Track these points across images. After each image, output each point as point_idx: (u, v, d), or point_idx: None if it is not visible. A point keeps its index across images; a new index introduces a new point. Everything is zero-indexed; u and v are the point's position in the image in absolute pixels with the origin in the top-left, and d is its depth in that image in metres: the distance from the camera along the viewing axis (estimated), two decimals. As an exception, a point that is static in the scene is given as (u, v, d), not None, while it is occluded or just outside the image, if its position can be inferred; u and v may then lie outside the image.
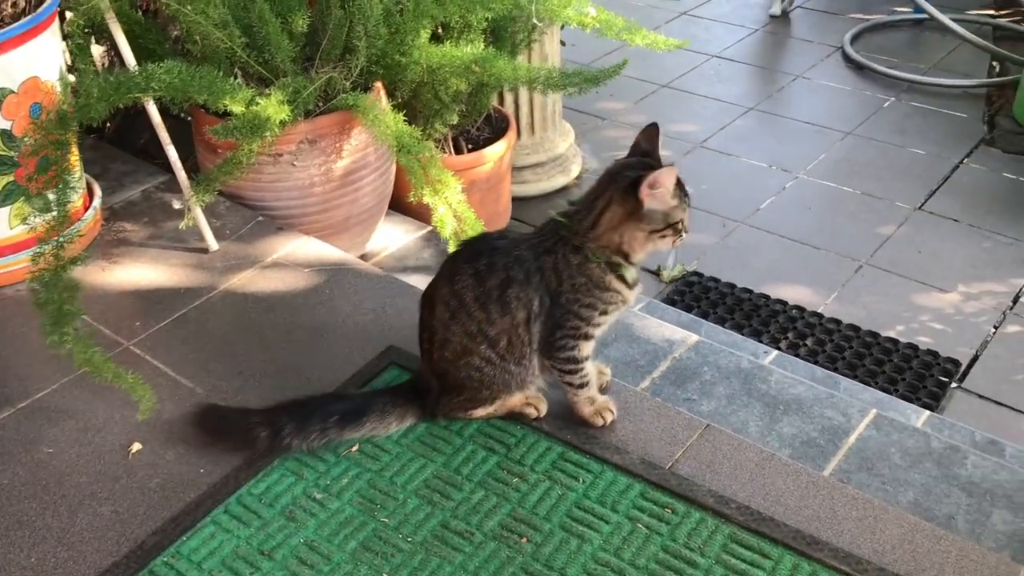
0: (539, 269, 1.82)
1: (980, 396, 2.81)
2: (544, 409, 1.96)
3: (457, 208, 2.38)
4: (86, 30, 2.43)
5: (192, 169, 2.64)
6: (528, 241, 1.86)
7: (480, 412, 1.96)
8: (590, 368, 1.92)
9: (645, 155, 1.83)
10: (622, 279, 1.83)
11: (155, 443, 1.97)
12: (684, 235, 1.83)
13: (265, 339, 2.25)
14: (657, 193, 1.73)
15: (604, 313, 1.84)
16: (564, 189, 3.87)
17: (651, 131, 1.85)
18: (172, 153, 2.45)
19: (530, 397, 1.96)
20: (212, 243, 2.55)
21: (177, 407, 2.06)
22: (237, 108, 2.25)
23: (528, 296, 1.82)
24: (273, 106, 2.26)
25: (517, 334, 1.84)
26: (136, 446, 1.96)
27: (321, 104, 2.55)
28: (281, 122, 2.29)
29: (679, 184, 1.78)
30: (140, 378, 1.92)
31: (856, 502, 1.78)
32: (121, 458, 1.94)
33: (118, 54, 2.40)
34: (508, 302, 1.82)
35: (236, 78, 2.44)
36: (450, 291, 1.87)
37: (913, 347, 2.99)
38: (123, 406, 2.05)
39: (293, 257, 2.53)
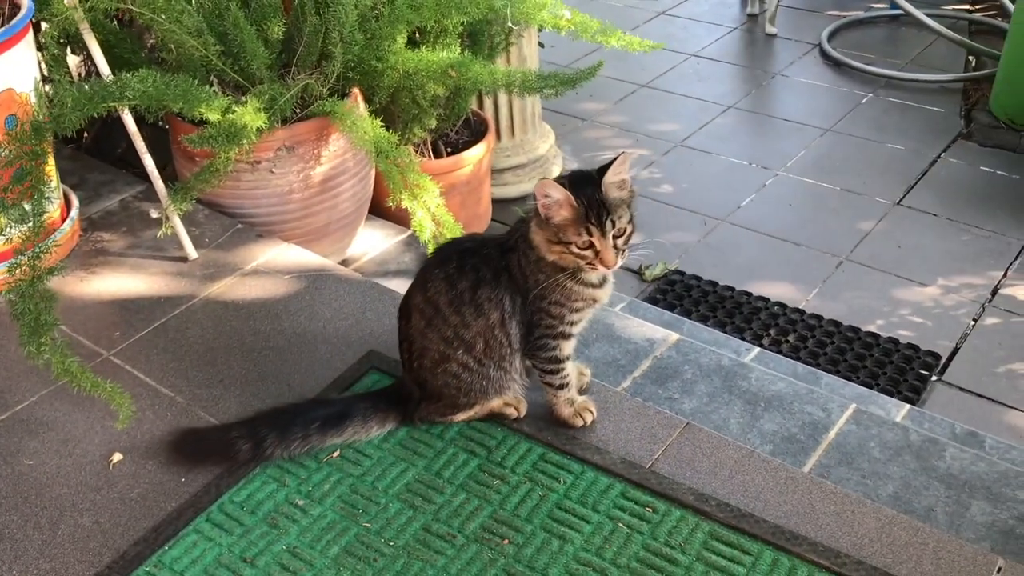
0: (505, 267, 1.83)
1: (961, 388, 2.83)
2: (524, 410, 1.97)
3: (436, 212, 2.39)
4: (61, 40, 2.43)
5: (170, 177, 2.63)
6: (495, 240, 1.87)
7: (460, 416, 1.97)
8: (571, 368, 1.93)
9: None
10: (576, 280, 1.78)
11: (136, 453, 1.97)
12: (599, 268, 1.72)
13: (245, 346, 2.25)
14: (545, 201, 1.69)
15: (576, 311, 1.84)
16: (545, 191, 3.86)
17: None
18: (149, 162, 2.45)
19: (509, 399, 1.97)
20: (191, 252, 2.55)
21: (157, 416, 2.06)
22: (213, 116, 2.25)
23: (498, 295, 1.82)
24: (249, 114, 2.26)
25: (494, 335, 1.84)
26: (117, 456, 1.96)
27: (298, 111, 2.55)
28: (258, 129, 2.29)
29: (578, 207, 1.67)
30: (119, 387, 1.92)
31: (834, 497, 1.79)
32: (102, 469, 1.94)
33: (94, 64, 2.40)
34: (480, 303, 1.82)
35: (212, 86, 2.44)
36: (424, 298, 1.87)
37: (894, 341, 3.01)
38: (103, 416, 2.05)
39: (273, 264, 2.53)
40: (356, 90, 2.62)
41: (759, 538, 1.70)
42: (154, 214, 2.70)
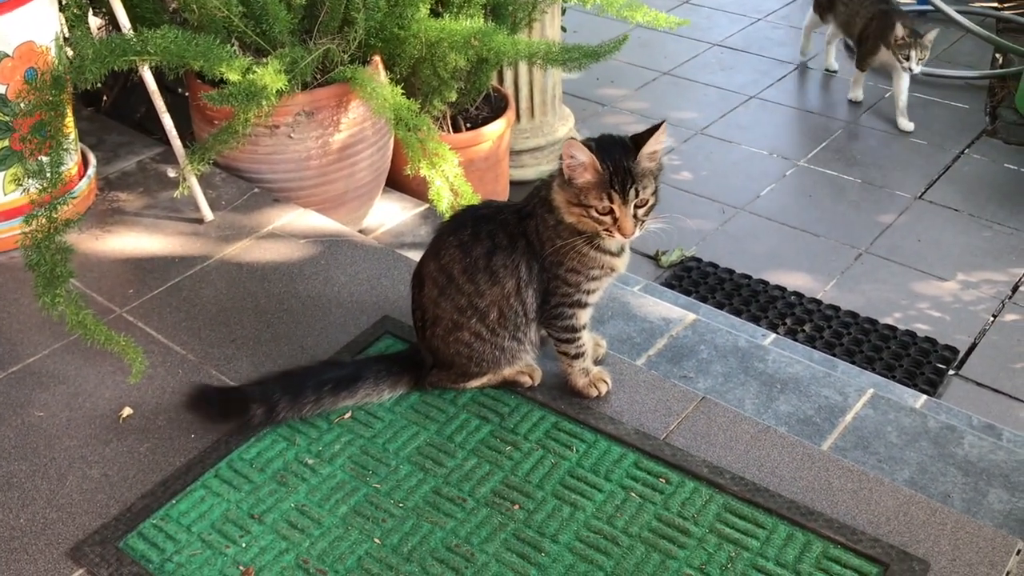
0: (522, 233, 1.80)
1: (978, 383, 2.79)
2: (538, 378, 1.95)
3: (454, 182, 2.36)
4: (83, -1, 2.42)
5: (188, 143, 2.62)
6: (512, 206, 1.84)
7: (472, 384, 1.95)
8: (587, 338, 1.90)
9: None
10: (594, 245, 1.75)
11: (146, 408, 1.96)
12: (616, 235, 1.69)
13: (259, 308, 2.23)
14: (571, 163, 1.67)
15: (593, 279, 1.81)
16: (563, 173, 3.84)
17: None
18: (168, 121, 2.43)
19: (523, 367, 1.94)
20: (207, 213, 2.53)
21: (169, 373, 2.04)
22: (233, 76, 2.23)
23: (515, 262, 1.79)
24: (270, 75, 2.24)
25: (509, 304, 1.82)
26: (127, 411, 1.95)
27: (319, 76, 2.53)
28: (278, 92, 2.27)
29: (603, 171, 1.66)
30: (132, 341, 1.91)
31: (851, 474, 1.76)
32: (112, 422, 1.93)
33: (115, 24, 2.38)
34: (496, 271, 1.79)
35: (233, 47, 2.42)
36: (437, 266, 1.85)
37: (911, 334, 2.98)
38: (114, 371, 2.04)
39: (289, 228, 2.51)
40: (377, 57, 2.60)
41: (774, 512, 1.67)
42: (171, 173, 2.69)
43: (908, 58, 3.96)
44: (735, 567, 1.59)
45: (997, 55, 4.68)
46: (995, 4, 5.16)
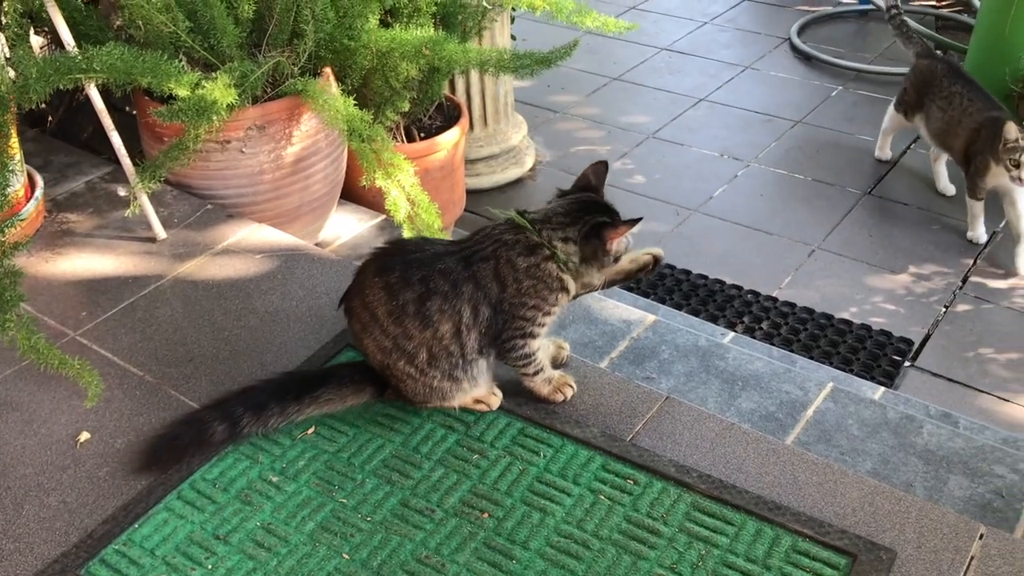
0: (471, 278, 1.76)
1: (933, 374, 2.84)
2: (496, 404, 1.91)
3: (411, 191, 2.35)
4: (24, 18, 2.36)
5: (138, 161, 2.58)
6: (456, 253, 1.79)
7: (428, 406, 1.92)
8: (541, 355, 1.89)
9: (592, 190, 1.84)
10: (572, 274, 1.80)
11: (104, 432, 1.92)
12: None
13: (217, 325, 2.20)
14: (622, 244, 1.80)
15: (548, 314, 1.82)
16: (519, 181, 3.86)
17: (600, 168, 1.85)
18: (116, 139, 2.39)
19: (479, 396, 1.91)
20: (160, 231, 2.49)
21: (127, 395, 2.00)
22: (183, 92, 2.20)
23: (455, 307, 1.75)
24: (220, 89, 2.21)
25: (442, 346, 1.77)
26: (84, 435, 1.91)
27: (269, 90, 2.51)
28: (228, 106, 2.25)
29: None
30: (87, 364, 1.87)
31: (816, 467, 1.78)
32: (69, 448, 1.88)
33: (58, 43, 2.34)
34: (429, 315, 1.75)
35: (181, 63, 2.39)
36: (361, 303, 1.82)
37: (867, 328, 3.02)
38: (70, 396, 1.99)
39: (244, 244, 2.48)
40: (328, 69, 2.58)
41: (742, 508, 1.68)
42: (122, 192, 2.64)
43: (1018, 164, 3.08)
44: (706, 565, 1.59)
45: (938, 52, 4.77)
46: (933, 3, 5.27)
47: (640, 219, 1.76)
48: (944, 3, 5.26)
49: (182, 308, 2.26)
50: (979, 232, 3.40)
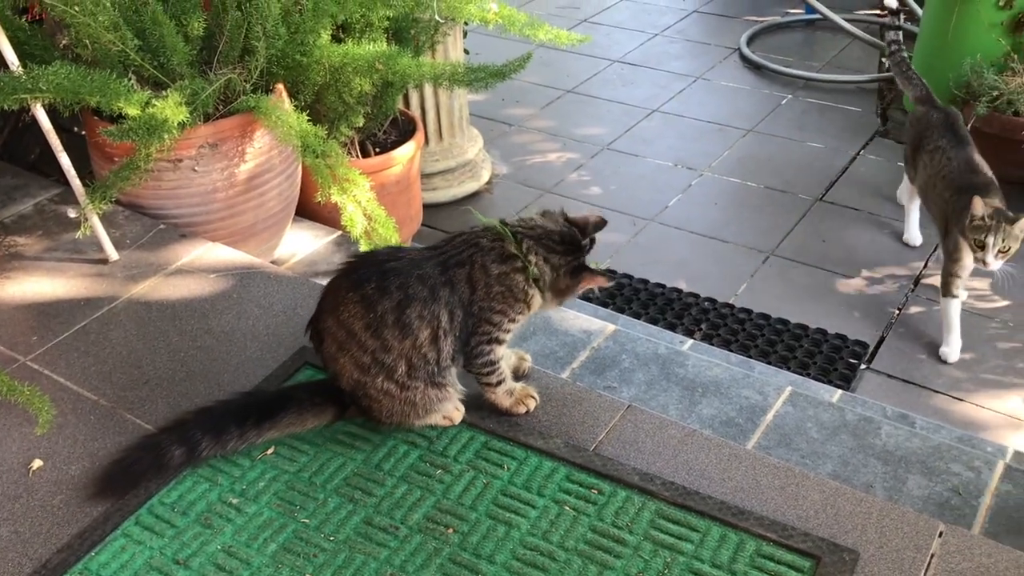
0: (448, 282, 1.76)
1: (889, 375, 2.88)
2: (459, 418, 1.91)
3: (367, 207, 2.34)
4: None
5: (88, 181, 2.53)
6: (432, 258, 1.79)
7: (404, 425, 1.91)
8: (503, 365, 1.89)
9: (582, 231, 1.85)
10: (540, 292, 1.83)
11: (57, 459, 1.87)
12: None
13: (172, 346, 2.16)
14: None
15: (513, 321, 1.83)
16: (476, 194, 3.86)
17: (599, 222, 1.89)
18: (65, 160, 2.35)
19: (444, 414, 1.90)
20: (112, 253, 2.45)
21: (80, 420, 1.96)
22: (132, 110, 2.17)
23: (434, 312, 1.75)
24: (170, 107, 2.19)
25: (420, 354, 1.76)
26: (37, 463, 1.86)
27: (221, 107, 2.49)
28: (180, 125, 2.22)
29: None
30: (38, 391, 1.83)
31: (778, 471, 1.79)
32: (21, 477, 1.84)
33: (2, 63, 2.30)
34: (408, 323, 1.74)
35: (130, 81, 2.36)
36: (335, 321, 1.79)
37: (822, 332, 3.06)
38: (21, 423, 1.95)
39: (199, 263, 2.45)
40: (280, 85, 2.57)
41: (706, 515, 1.69)
42: (72, 214, 2.60)
43: (983, 246, 2.69)
44: (672, 572, 1.60)
45: (883, 59, 4.88)
46: (877, 11, 5.38)
47: (615, 281, 1.88)
48: (888, 11, 5.36)
49: (136, 330, 2.22)
50: (953, 346, 2.89)
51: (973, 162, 2.94)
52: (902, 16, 3.27)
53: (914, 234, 3.44)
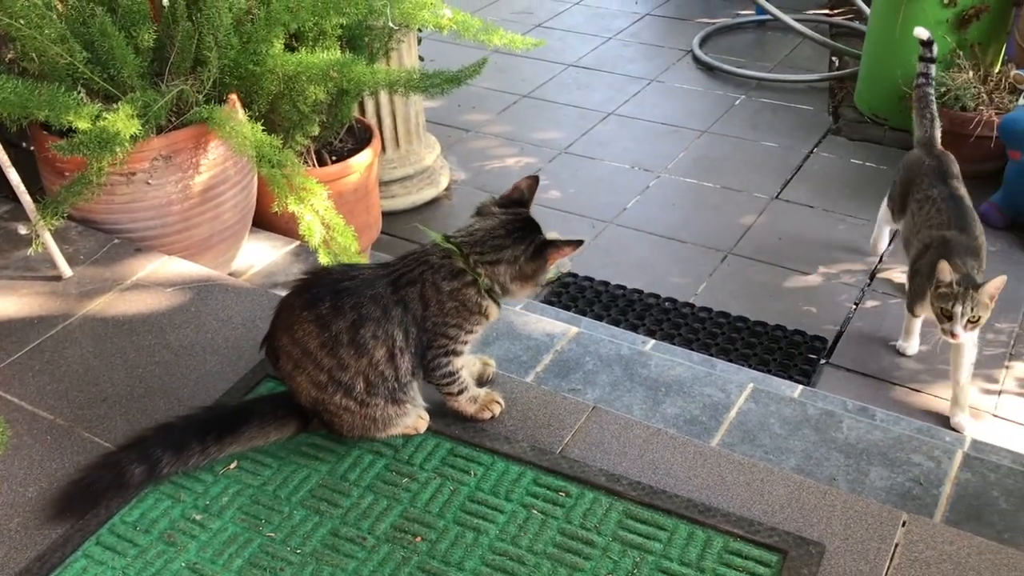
0: (400, 301, 1.75)
1: (848, 369, 2.92)
2: (424, 427, 1.90)
3: (325, 216, 2.32)
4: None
5: (39, 197, 2.49)
6: (385, 278, 1.78)
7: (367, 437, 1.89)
8: (464, 374, 1.88)
9: (522, 204, 1.83)
10: (495, 303, 1.81)
11: (13, 481, 1.83)
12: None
13: (130, 362, 2.13)
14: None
15: (470, 333, 1.82)
16: (435, 201, 3.85)
17: (532, 183, 1.86)
18: (14, 176, 2.31)
19: (408, 426, 1.88)
20: (65, 269, 2.41)
21: (36, 440, 1.92)
22: (83, 124, 2.13)
23: (388, 332, 1.74)
24: (122, 120, 2.15)
25: (377, 372, 1.75)
26: (-8, 486, 1.82)
27: (174, 119, 2.45)
28: (132, 137, 2.19)
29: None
30: (-8, 412, 1.79)
31: (743, 467, 1.80)
32: (-25, 500, 1.80)
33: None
34: (363, 343, 1.73)
35: (80, 94, 2.32)
36: (291, 340, 1.77)
37: (782, 328, 3.09)
38: (-25, 446, 1.90)
39: (154, 277, 2.41)
40: (234, 96, 2.54)
41: (673, 513, 1.70)
42: (22, 231, 2.54)
43: (951, 316, 2.49)
44: (641, 572, 1.60)
45: (833, 58, 4.96)
46: (827, 11, 5.46)
47: (583, 241, 1.79)
48: (836, 12, 5.45)
49: (92, 347, 2.18)
50: (910, 345, 2.95)
51: (964, 219, 2.73)
52: (934, 47, 3.06)
53: (882, 244, 3.38)
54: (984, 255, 2.69)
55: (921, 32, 3.06)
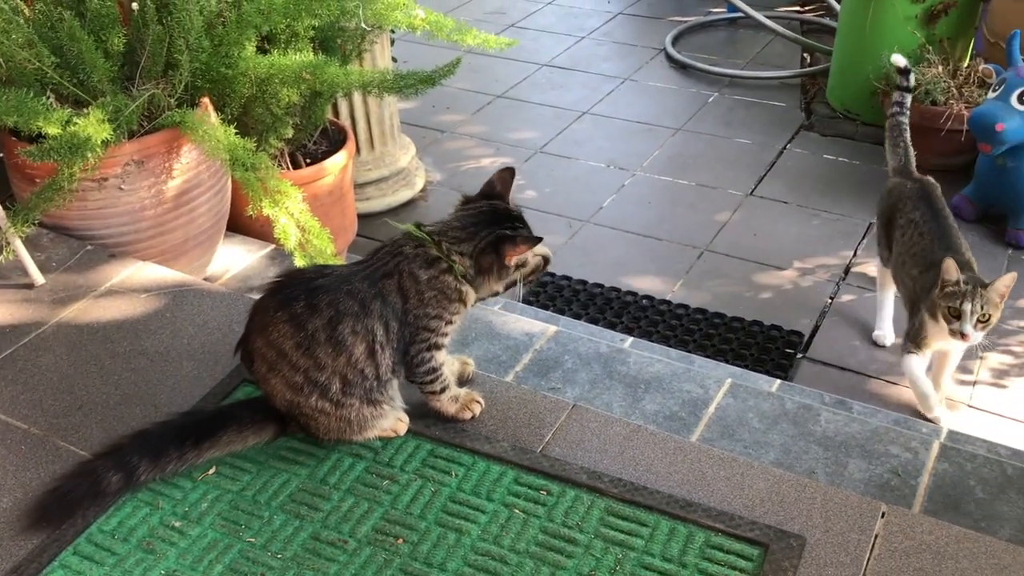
0: (379, 295, 1.74)
1: (824, 363, 2.94)
2: (403, 429, 1.89)
3: (300, 218, 2.31)
4: None
5: (9, 204, 2.46)
6: (360, 272, 1.77)
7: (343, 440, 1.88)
8: (447, 372, 1.88)
9: (498, 197, 1.83)
10: (473, 287, 1.81)
11: (-13, 492, 1.81)
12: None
13: (105, 369, 2.11)
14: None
15: (450, 323, 1.81)
16: (411, 202, 3.84)
17: (506, 175, 1.85)
18: (-17, 183, 2.28)
19: (386, 428, 1.87)
20: (37, 277, 2.38)
21: (10, 451, 1.90)
22: (53, 129, 2.11)
23: (368, 326, 1.72)
24: (93, 125, 2.13)
25: (356, 370, 1.74)
26: (-34, 497, 1.80)
27: (146, 123, 2.43)
28: (103, 143, 2.16)
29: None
30: (-36, 422, 1.77)
31: (722, 462, 1.81)
32: (-51, 512, 1.77)
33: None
34: (342, 340, 1.71)
35: (49, 100, 2.30)
36: (265, 342, 1.75)
37: (759, 323, 3.11)
38: (-53, 457, 1.88)
39: (129, 283, 2.39)
40: (206, 99, 2.52)
41: (654, 509, 1.70)
42: (-8, 239, 2.52)
43: (959, 315, 2.39)
44: (623, 568, 1.60)
45: (805, 55, 4.99)
46: (797, 8, 5.50)
47: (540, 239, 1.77)
48: (807, 9, 5.49)
49: (67, 355, 2.16)
50: (885, 332, 2.95)
51: (951, 239, 2.61)
52: (911, 76, 2.99)
53: (886, 330, 3.01)
54: (976, 270, 2.57)
55: (898, 59, 3.02)
